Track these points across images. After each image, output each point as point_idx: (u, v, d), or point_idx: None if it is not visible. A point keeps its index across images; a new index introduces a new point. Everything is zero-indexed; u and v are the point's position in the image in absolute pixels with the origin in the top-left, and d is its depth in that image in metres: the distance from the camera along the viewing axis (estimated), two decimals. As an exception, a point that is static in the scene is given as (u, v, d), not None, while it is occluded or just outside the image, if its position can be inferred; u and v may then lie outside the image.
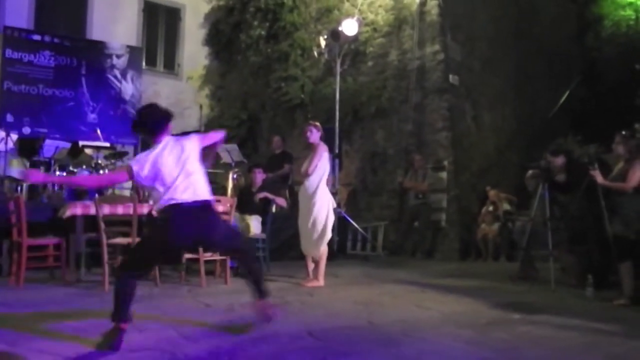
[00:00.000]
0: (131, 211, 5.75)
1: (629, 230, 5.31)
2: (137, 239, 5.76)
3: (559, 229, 6.22)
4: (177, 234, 3.59)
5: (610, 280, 5.79)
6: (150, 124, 3.74)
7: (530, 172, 7.01)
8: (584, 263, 6.06)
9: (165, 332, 3.92)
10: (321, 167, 6.15)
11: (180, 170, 3.61)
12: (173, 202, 3.56)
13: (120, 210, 5.97)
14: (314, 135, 6.29)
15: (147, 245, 3.84)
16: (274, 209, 7.82)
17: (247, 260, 4.12)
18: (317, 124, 6.52)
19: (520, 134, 10.59)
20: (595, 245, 5.86)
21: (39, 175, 4.88)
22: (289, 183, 9.70)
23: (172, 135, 3.81)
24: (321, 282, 6.05)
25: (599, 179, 5.50)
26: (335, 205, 6.71)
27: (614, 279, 5.67)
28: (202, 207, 3.65)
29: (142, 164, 3.57)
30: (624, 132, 5.57)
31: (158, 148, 3.64)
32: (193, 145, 3.77)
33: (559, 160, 6.29)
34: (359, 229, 9.10)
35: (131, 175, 3.59)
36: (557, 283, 5.99)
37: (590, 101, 10.72)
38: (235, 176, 9.41)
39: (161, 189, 3.60)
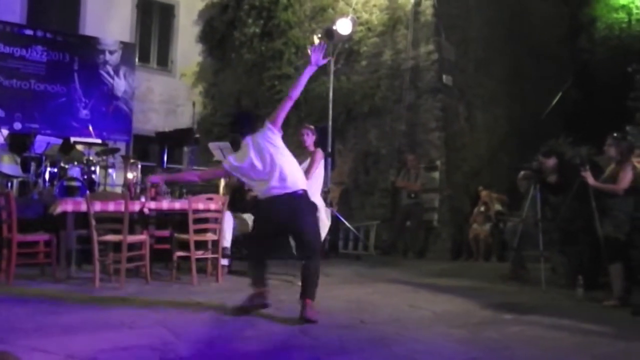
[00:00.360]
0: (122, 208, 5.72)
1: (619, 231, 5.34)
2: (130, 236, 5.76)
3: (550, 229, 6.25)
4: (271, 219, 4.38)
5: (600, 281, 5.83)
6: (247, 125, 4.76)
7: (522, 173, 7.03)
8: (574, 264, 6.09)
9: (156, 329, 3.91)
10: (319, 174, 6.33)
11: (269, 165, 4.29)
12: (267, 194, 4.30)
13: (111, 207, 5.94)
14: (310, 139, 6.47)
15: (256, 228, 4.71)
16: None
17: (309, 257, 4.47)
18: (312, 127, 6.71)
19: (512, 135, 10.62)
20: (586, 247, 5.88)
21: (157, 177, 5.88)
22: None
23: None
24: None
25: (590, 180, 5.52)
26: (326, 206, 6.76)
27: (604, 280, 5.70)
28: (289, 197, 4.29)
29: (232, 162, 4.41)
30: (615, 134, 5.60)
31: (246, 146, 4.38)
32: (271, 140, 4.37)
33: (551, 162, 6.33)
34: (351, 228, 9.11)
35: (226, 171, 4.54)
36: (548, 283, 6.02)
37: (583, 103, 10.77)
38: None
39: (254, 182, 4.43)
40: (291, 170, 4.36)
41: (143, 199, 6.50)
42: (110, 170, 9.94)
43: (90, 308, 4.62)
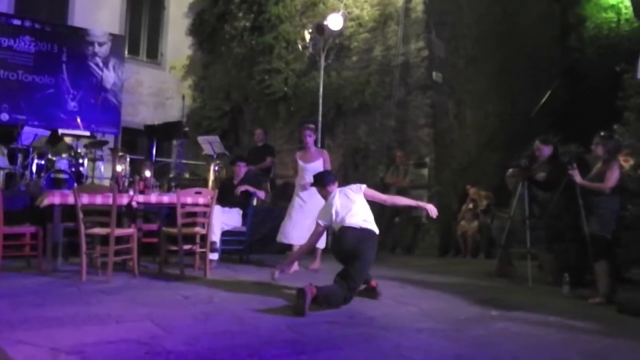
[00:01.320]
0: (110, 201, 5.68)
1: (605, 230, 5.38)
2: (118, 229, 5.73)
3: (537, 227, 6.29)
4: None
5: (586, 279, 5.88)
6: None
7: (510, 170, 7.06)
8: (561, 261, 6.14)
9: (143, 323, 3.89)
10: None
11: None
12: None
13: (99, 200, 5.91)
14: (311, 139, 6.82)
15: None
16: (255, 202, 7.80)
17: (345, 281, 4.72)
18: (313, 126, 7.11)
19: (501, 133, 10.68)
20: (573, 244, 5.93)
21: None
22: (271, 176, 9.68)
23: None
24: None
25: (578, 178, 5.55)
26: None
27: (589, 277, 5.75)
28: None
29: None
30: (602, 133, 5.63)
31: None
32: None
33: (547, 150, 6.30)
34: (340, 223, 9.10)
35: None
36: (534, 281, 6.07)
37: (571, 102, 10.85)
38: (216, 168, 9.36)
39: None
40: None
41: (131, 192, 6.48)
42: (98, 163, 9.89)
43: (77, 301, 4.59)
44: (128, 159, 9.03)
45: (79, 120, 9.99)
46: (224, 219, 6.74)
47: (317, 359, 3.29)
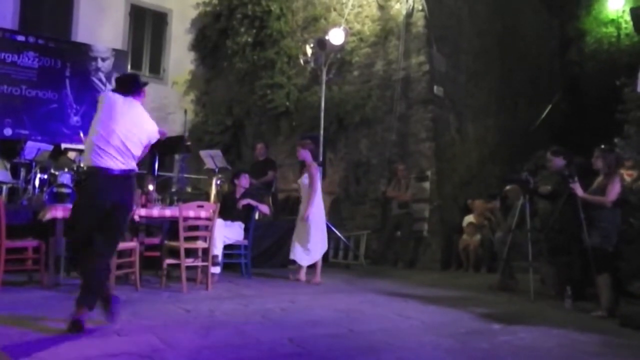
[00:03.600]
0: (113, 215, 5.69)
1: (607, 243, 5.39)
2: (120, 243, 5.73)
3: (539, 240, 6.29)
4: None
5: (588, 292, 5.86)
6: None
7: (508, 187, 7.05)
8: (563, 275, 6.13)
9: (145, 336, 3.89)
10: (319, 187, 7.05)
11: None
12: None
13: (101, 213, 5.92)
14: (303, 154, 7.14)
15: None
16: (256, 216, 7.81)
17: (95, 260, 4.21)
18: (305, 141, 7.36)
19: (502, 147, 10.71)
20: (575, 258, 5.92)
21: None
22: (273, 190, 9.70)
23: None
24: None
25: (579, 192, 5.57)
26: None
27: (591, 291, 5.73)
28: None
29: None
30: (602, 146, 5.65)
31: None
32: None
33: (558, 162, 6.10)
34: (342, 237, 9.12)
35: None
36: (537, 294, 6.06)
37: (572, 116, 10.89)
38: (218, 182, 9.38)
39: None
40: None
41: (134, 206, 6.48)
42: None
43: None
44: (130, 173, 9.03)
45: (82, 135, 9.98)
46: (226, 233, 6.75)
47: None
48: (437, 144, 9.54)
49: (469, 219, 9.02)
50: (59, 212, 5.97)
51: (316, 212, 6.95)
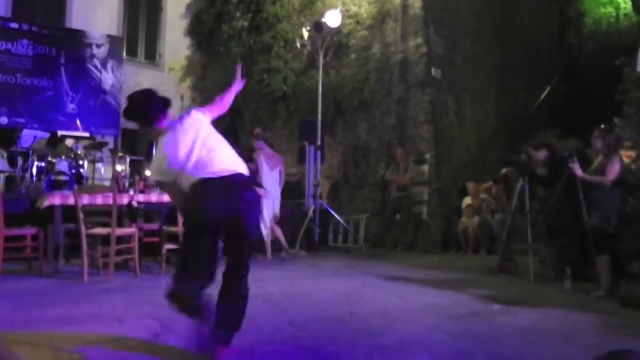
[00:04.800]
0: (110, 201, 5.68)
1: (607, 223, 5.38)
2: (118, 229, 5.72)
3: (538, 222, 6.28)
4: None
5: (587, 273, 5.86)
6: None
7: (503, 170, 7.02)
8: (562, 256, 6.12)
9: (146, 322, 3.89)
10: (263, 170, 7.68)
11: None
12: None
13: (99, 200, 5.91)
14: (257, 144, 7.80)
15: None
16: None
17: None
18: (258, 130, 8.20)
19: (501, 129, 10.67)
20: (574, 239, 5.91)
21: None
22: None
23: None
24: None
25: (578, 172, 5.54)
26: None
27: (591, 272, 5.73)
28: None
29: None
30: (602, 126, 5.62)
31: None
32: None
33: (541, 154, 6.31)
34: (341, 221, 9.12)
35: None
36: (536, 276, 6.05)
37: (571, 97, 10.84)
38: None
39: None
40: None
41: (132, 192, 6.48)
42: (98, 165, 9.88)
43: (79, 301, 4.59)
44: (128, 160, 9.02)
45: (78, 122, 9.97)
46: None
47: (319, 354, 3.28)
48: (436, 126, 9.50)
49: (468, 201, 9.01)
50: (57, 199, 5.95)
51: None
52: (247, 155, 9.29)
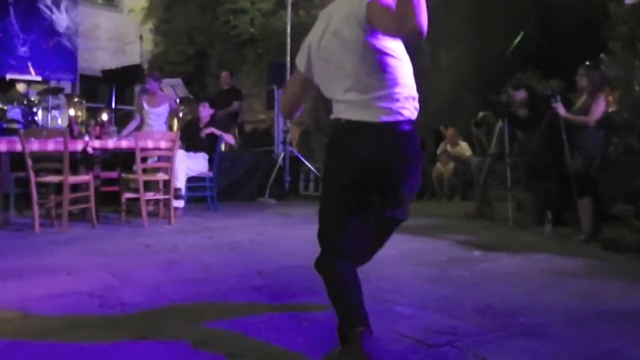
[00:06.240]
0: (63, 147, 5.21)
1: (590, 166, 5.16)
2: (72, 177, 5.29)
3: (517, 166, 6.05)
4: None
5: (566, 217, 5.68)
6: None
7: (480, 114, 6.75)
8: (541, 200, 5.92)
9: (98, 274, 3.54)
10: None
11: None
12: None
13: (50, 146, 5.42)
14: (156, 84, 7.09)
15: None
16: (222, 148, 7.40)
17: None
18: (155, 73, 7.49)
19: (476, 74, 10.34)
20: (554, 182, 5.70)
21: None
22: (239, 121, 9.26)
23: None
24: None
25: (561, 111, 5.29)
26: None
27: (570, 215, 5.55)
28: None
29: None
30: (587, 63, 5.34)
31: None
32: None
33: (520, 94, 6.05)
34: (312, 169, 8.77)
35: None
36: (514, 221, 5.85)
37: (551, 36, 10.51)
38: (181, 115, 8.89)
39: None
40: None
41: (87, 138, 6.00)
42: (54, 112, 9.28)
43: (26, 254, 4.19)
44: (85, 105, 8.46)
45: (30, 66, 9.31)
46: (189, 164, 6.32)
47: (292, 303, 2.99)
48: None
49: (443, 147, 8.76)
50: (3, 145, 5.46)
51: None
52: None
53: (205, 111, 6.85)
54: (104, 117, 6.86)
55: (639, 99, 5.17)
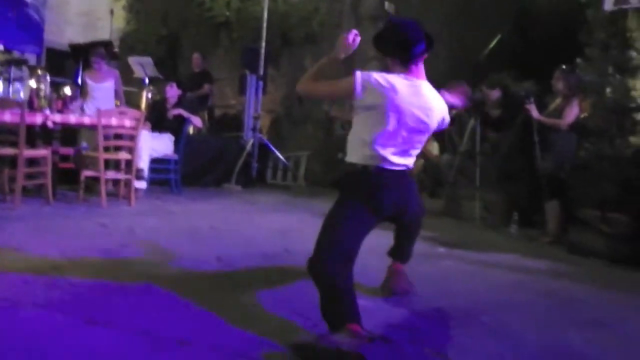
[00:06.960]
0: (19, 119, 4.96)
1: (560, 169, 5.14)
2: (28, 151, 5.05)
3: (488, 166, 6.00)
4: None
5: (534, 219, 5.66)
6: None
7: (453, 111, 6.68)
8: (510, 201, 5.89)
9: (47, 253, 3.34)
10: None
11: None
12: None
13: (7, 117, 5.14)
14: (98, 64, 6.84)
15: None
16: (190, 131, 7.19)
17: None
18: (101, 51, 7.00)
19: (452, 75, 10.30)
20: (524, 183, 5.68)
21: None
22: (209, 104, 9.04)
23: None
24: None
25: (535, 113, 5.26)
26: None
27: (537, 218, 5.53)
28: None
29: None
30: (564, 67, 5.32)
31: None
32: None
33: (495, 94, 6.04)
34: (281, 157, 8.60)
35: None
36: (481, 220, 5.82)
37: (527, 39, 10.54)
38: (149, 95, 8.65)
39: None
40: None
41: (47, 112, 5.74)
42: (17, 85, 8.92)
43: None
44: (48, 78, 8.12)
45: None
46: (154, 145, 6.11)
47: (250, 292, 2.86)
48: (385, 64, 8.98)
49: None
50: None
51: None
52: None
53: (172, 91, 6.63)
54: (67, 91, 6.58)
55: (612, 105, 5.16)
